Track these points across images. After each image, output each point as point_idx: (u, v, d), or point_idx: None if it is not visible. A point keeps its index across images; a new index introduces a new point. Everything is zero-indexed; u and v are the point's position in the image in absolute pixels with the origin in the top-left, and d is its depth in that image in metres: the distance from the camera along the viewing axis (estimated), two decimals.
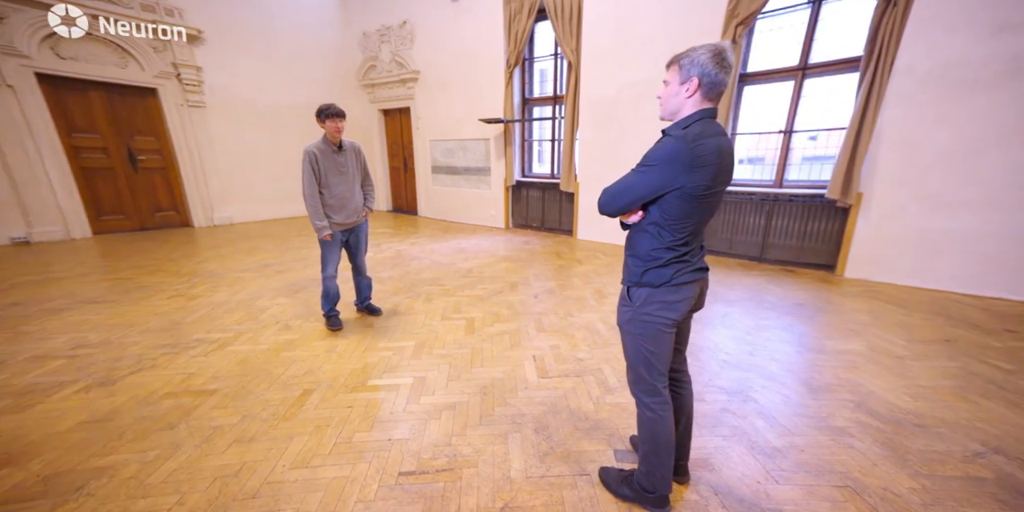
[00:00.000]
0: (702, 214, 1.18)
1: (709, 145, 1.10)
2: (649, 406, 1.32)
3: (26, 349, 2.47)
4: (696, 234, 1.22)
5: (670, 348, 1.29)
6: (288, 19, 6.86)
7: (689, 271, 1.22)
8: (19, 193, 5.02)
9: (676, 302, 1.22)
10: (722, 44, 1.12)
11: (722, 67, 1.10)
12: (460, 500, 1.40)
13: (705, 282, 1.31)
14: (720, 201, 1.23)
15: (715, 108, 1.17)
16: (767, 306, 3.25)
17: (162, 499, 1.38)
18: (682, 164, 1.09)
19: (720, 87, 1.13)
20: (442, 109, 6.70)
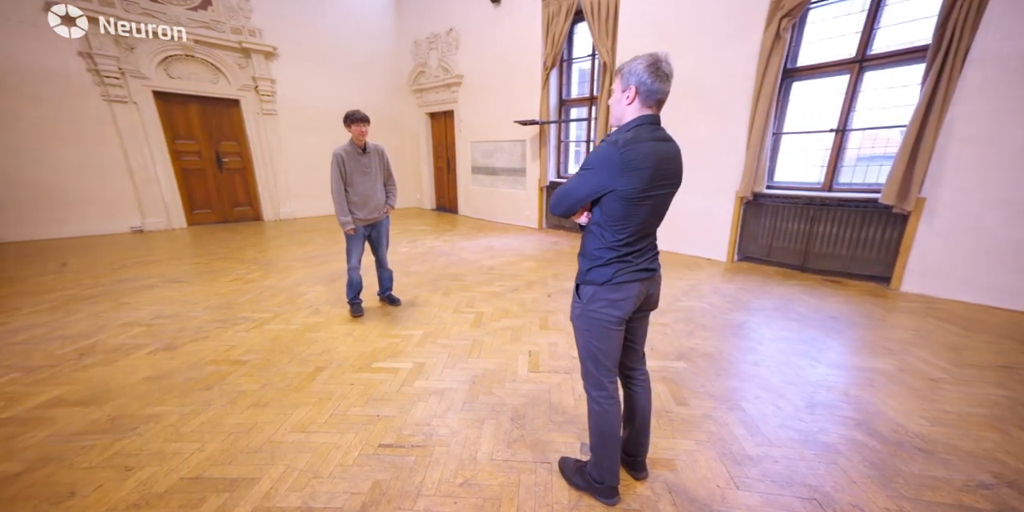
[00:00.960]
0: (643, 216, 1.22)
1: (641, 150, 1.15)
2: (596, 399, 1.38)
3: (122, 317, 3.01)
4: (642, 235, 1.27)
5: (617, 345, 1.34)
6: (350, 32, 7.48)
7: (630, 271, 1.27)
8: (138, 190, 6.00)
9: (619, 300, 1.28)
10: (658, 54, 1.17)
11: (657, 76, 1.15)
12: (425, 473, 1.55)
13: (653, 283, 1.35)
14: (665, 205, 1.27)
15: (654, 114, 1.22)
16: (793, 317, 3.07)
17: (188, 445, 1.68)
18: (614, 168, 1.15)
19: (656, 95, 1.18)
20: (482, 111, 6.94)
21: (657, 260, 1.36)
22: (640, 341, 1.47)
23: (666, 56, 1.18)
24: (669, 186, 1.24)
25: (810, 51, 4.17)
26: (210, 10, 6.11)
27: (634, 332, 1.44)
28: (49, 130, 5.28)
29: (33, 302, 3.29)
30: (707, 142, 4.62)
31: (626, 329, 1.42)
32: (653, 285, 1.35)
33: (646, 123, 1.20)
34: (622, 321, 1.31)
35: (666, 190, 1.23)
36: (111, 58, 5.45)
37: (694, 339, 2.71)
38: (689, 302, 3.39)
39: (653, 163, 1.16)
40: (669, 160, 1.21)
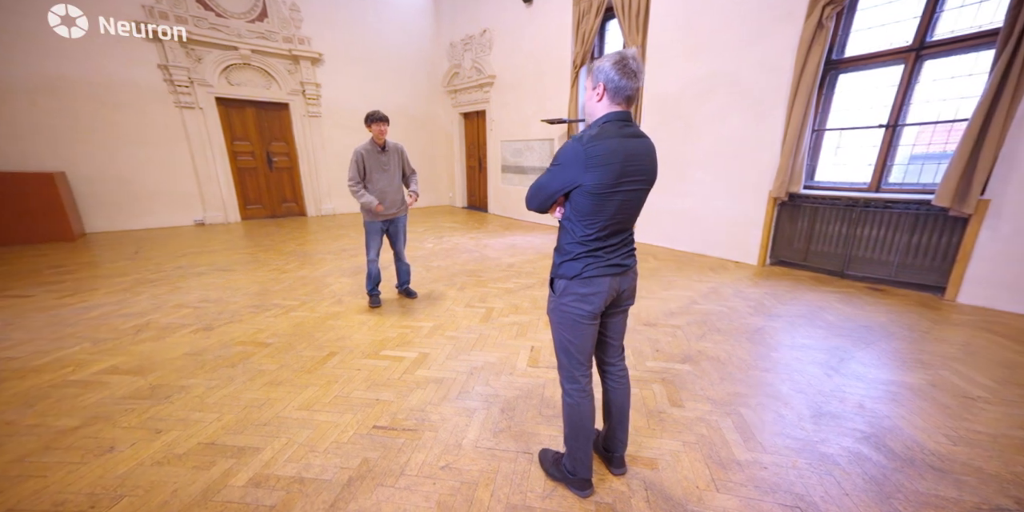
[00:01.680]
0: (611, 211, 1.23)
1: (605, 146, 1.16)
2: (568, 393, 1.40)
3: (175, 299, 3.37)
4: (613, 231, 1.28)
5: (589, 339, 1.36)
6: (390, 37, 7.81)
7: (600, 266, 1.28)
8: (201, 187, 6.63)
9: (589, 295, 1.30)
10: (626, 52, 1.18)
11: (624, 73, 1.16)
12: (411, 454, 1.65)
13: (626, 279, 1.35)
14: (636, 201, 1.27)
15: (624, 111, 1.22)
16: (819, 325, 2.90)
17: (209, 415, 1.88)
18: (579, 164, 1.17)
19: (624, 91, 1.18)
20: (512, 111, 7.01)
21: (632, 257, 1.37)
22: (616, 336, 1.47)
23: (634, 54, 1.18)
24: (639, 182, 1.24)
25: (859, 40, 3.88)
26: (266, 21, 6.61)
27: (610, 327, 1.45)
28: (131, 134, 5.95)
29: (108, 284, 3.74)
30: (738, 140, 4.42)
31: (602, 324, 1.44)
32: (626, 281, 1.36)
33: (614, 119, 1.21)
34: (594, 316, 1.33)
35: (636, 186, 1.24)
36: (183, 69, 6.06)
37: (704, 342, 2.63)
38: (707, 305, 3.28)
39: (619, 159, 1.17)
40: (638, 156, 1.22)
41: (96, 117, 5.70)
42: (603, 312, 1.41)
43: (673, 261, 4.64)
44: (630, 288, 1.39)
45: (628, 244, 1.35)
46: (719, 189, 4.69)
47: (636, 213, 1.31)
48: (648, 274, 4.12)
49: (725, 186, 4.63)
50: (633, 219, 1.32)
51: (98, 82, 5.61)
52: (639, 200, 1.28)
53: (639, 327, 2.86)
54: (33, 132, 5.37)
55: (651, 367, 2.33)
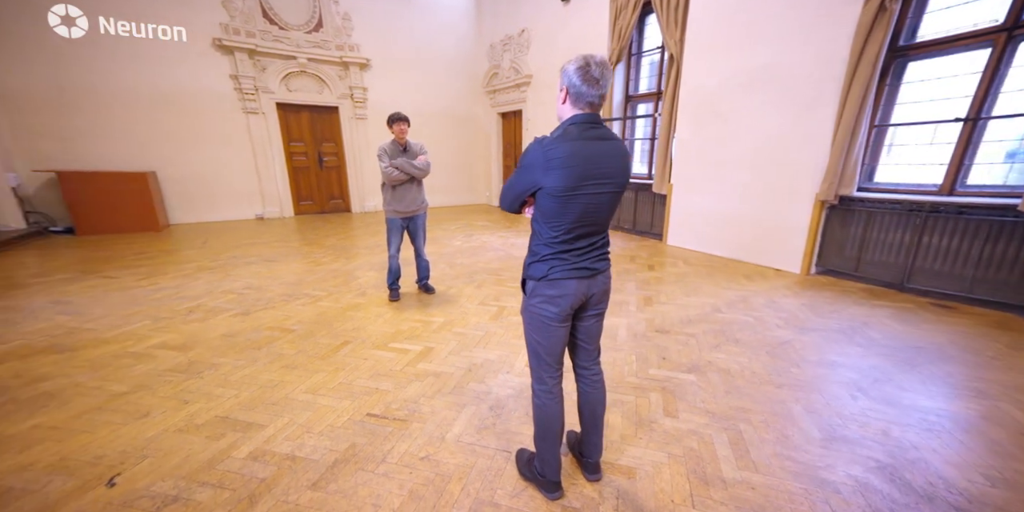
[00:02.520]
0: (576, 214, 1.21)
1: (564, 149, 1.15)
2: (536, 393, 1.41)
3: (224, 285, 3.73)
4: (580, 234, 1.26)
5: (558, 341, 1.35)
6: (433, 41, 8.05)
7: (566, 268, 1.27)
8: (261, 184, 7.26)
9: (555, 297, 1.29)
10: (590, 57, 1.16)
11: (585, 79, 1.14)
12: (396, 443, 1.72)
13: (595, 283, 1.33)
14: (602, 204, 1.24)
15: (588, 114, 1.20)
16: (859, 342, 2.64)
17: (229, 391, 2.08)
18: (538, 166, 1.17)
19: (586, 97, 1.17)
20: (548, 110, 6.97)
21: (604, 261, 1.34)
22: (590, 340, 1.45)
23: (600, 60, 1.16)
24: (604, 185, 1.21)
25: (932, 22, 3.44)
26: (321, 32, 7.08)
27: (583, 331, 1.43)
28: (206, 137, 6.65)
29: (175, 269, 4.22)
30: (781, 137, 4.10)
31: (576, 327, 1.42)
32: (596, 284, 1.33)
33: (577, 122, 1.20)
34: (562, 318, 1.32)
35: (600, 189, 1.21)
36: (250, 78, 6.67)
37: (717, 353, 2.49)
38: (731, 314, 3.10)
39: (579, 162, 1.16)
40: (601, 159, 1.19)
41: (181, 123, 6.42)
42: (576, 316, 1.40)
43: (705, 266, 4.41)
44: (600, 292, 1.36)
45: (599, 248, 1.33)
46: (758, 190, 4.38)
47: (605, 216, 1.28)
48: (673, 279, 3.95)
49: (765, 187, 4.32)
50: (603, 222, 1.30)
51: (183, 92, 6.32)
52: (607, 203, 1.25)
53: (650, 333, 2.77)
54: (130, 136, 6.16)
55: (653, 375, 2.25)
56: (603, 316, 1.44)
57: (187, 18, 6.09)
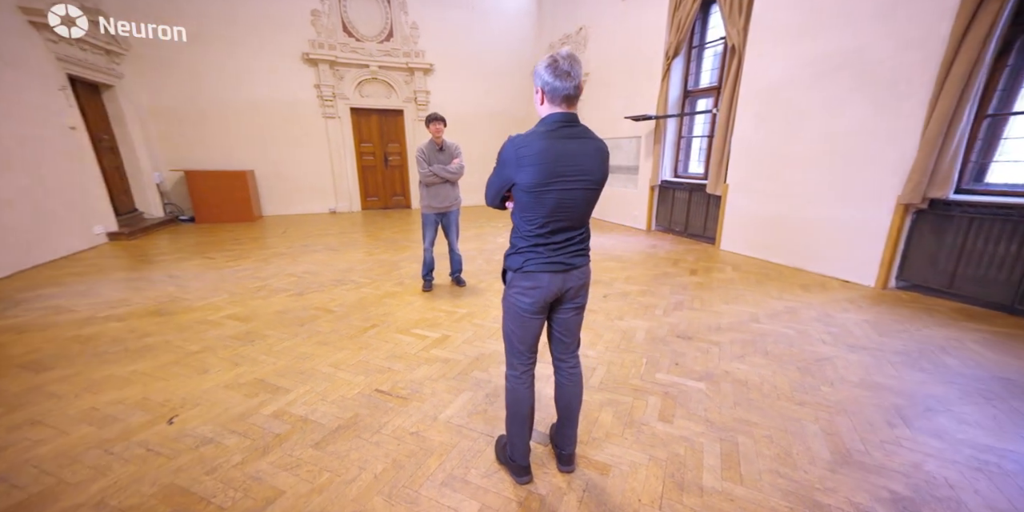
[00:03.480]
0: (548, 209, 1.25)
1: (535, 147, 1.20)
2: (507, 377, 1.47)
3: (290, 269, 4.24)
4: (555, 229, 1.29)
5: (531, 332, 1.41)
6: (493, 44, 8.29)
7: (540, 262, 1.32)
8: (335, 182, 8.04)
9: (529, 289, 1.34)
10: (556, 53, 1.19)
11: (556, 74, 1.18)
12: (393, 417, 1.88)
13: (571, 277, 1.35)
14: (575, 200, 1.26)
15: (563, 112, 1.24)
16: (922, 367, 2.32)
17: (269, 359, 2.40)
18: (511, 163, 1.23)
19: (561, 91, 1.20)
20: (602, 108, 6.83)
21: (581, 256, 1.37)
22: (568, 334, 1.48)
23: (567, 53, 1.19)
24: (576, 182, 1.24)
25: None
26: (391, 41, 7.65)
27: (560, 323, 1.46)
28: (294, 140, 7.53)
29: (256, 254, 4.87)
30: (856, 132, 3.66)
31: (554, 320, 1.46)
32: (572, 279, 1.36)
33: (551, 121, 1.24)
34: (535, 310, 1.37)
35: (572, 185, 1.24)
36: (329, 86, 7.42)
37: (738, 363, 2.34)
38: (769, 325, 2.87)
39: (549, 159, 1.20)
40: (573, 156, 1.22)
41: (275, 128, 7.35)
42: (553, 308, 1.44)
43: (756, 274, 4.08)
44: (577, 287, 1.38)
45: (576, 243, 1.35)
46: (827, 192, 3.95)
47: (579, 212, 1.30)
48: (715, 285, 3.73)
49: (835, 188, 3.88)
50: (578, 218, 1.32)
51: (277, 102, 7.22)
52: (581, 199, 1.28)
53: (670, 338, 2.66)
54: (236, 140, 7.19)
55: (660, 379, 2.18)
56: (582, 310, 1.46)
57: (283, 38, 6.97)
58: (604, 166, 1.30)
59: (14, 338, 2.70)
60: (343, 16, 7.27)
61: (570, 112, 1.25)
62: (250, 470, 1.57)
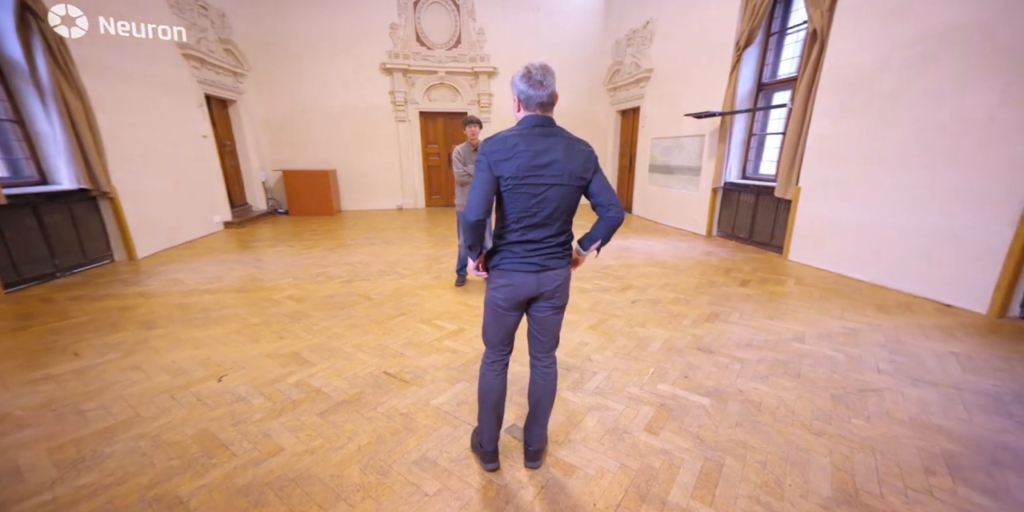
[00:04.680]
0: (518, 207, 1.31)
1: (504, 143, 1.27)
2: (481, 364, 1.54)
3: (347, 259, 4.70)
4: (526, 226, 1.33)
5: (503, 327, 1.46)
6: (558, 43, 8.28)
7: (514, 261, 1.37)
8: (403, 180, 8.68)
9: (504, 286, 1.40)
10: (529, 65, 1.28)
11: (530, 84, 1.26)
12: (391, 398, 2.04)
13: (547, 278, 1.38)
14: (550, 199, 1.30)
15: (537, 115, 1.30)
16: (1010, 414, 1.95)
17: (308, 335, 2.72)
18: (484, 162, 1.30)
19: (535, 99, 1.27)
20: (666, 106, 6.50)
21: (558, 259, 1.40)
22: (544, 333, 1.50)
23: (540, 65, 1.27)
24: (548, 178, 1.27)
25: None
26: (459, 47, 8.03)
27: (537, 322, 1.49)
28: (369, 143, 8.28)
29: (326, 244, 5.47)
30: (971, 127, 3.08)
31: (532, 318, 1.50)
32: (547, 280, 1.38)
33: (527, 122, 1.31)
34: (509, 306, 1.42)
35: (544, 181, 1.27)
36: (402, 92, 8.02)
37: (758, 383, 2.14)
38: (812, 346, 2.57)
39: (520, 152, 1.25)
40: (544, 153, 1.26)
41: (355, 131, 8.15)
42: (532, 307, 1.47)
43: (824, 289, 3.64)
44: (552, 289, 1.40)
45: (553, 246, 1.38)
46: (923, 196, 3.39)
47: (553, 211, 1.33)
48: (765, 298, 3.40)
49: (934, 192, 3.32)
50: (551, 216, 1.34)
51: (357, 108, 8.00)
52: (554, 198, 1.30)
53: (689, 350, 2.51)
54: (323, 143, 8.10)
55: (660, 390, 2.08)
56: (560, 311, 1.48)
57: (365, 51, 7.70)
58: (581, 165, 1.31)
59: (141, 302, 3.37)
60: (417, 27, 7.79)
61: (545, 115, 1.30)
62: (264, 427, 1.82)
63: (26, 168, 4.01)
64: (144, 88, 4.96)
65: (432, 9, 7.76)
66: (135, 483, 1.53)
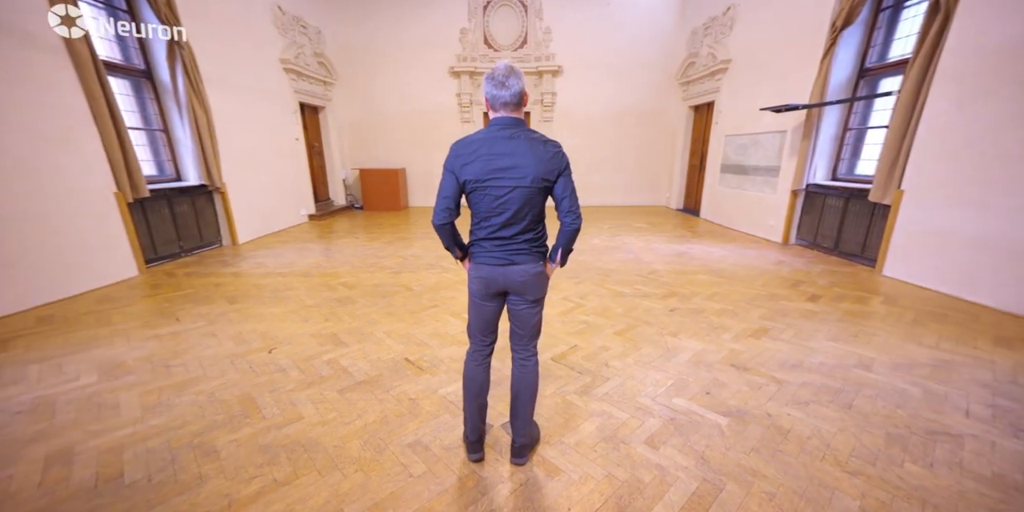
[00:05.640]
0: (485, 206, 1.34)
1: (471, 146, 1.31)
2: (467, 353, 1.59)
3: (401, 252, 5.00)
4: (493, 224, 1.36)
5: (481, 317, 1.51)
6: (627, 39, 7.97)
7: (483, 254, 1.41)
8: None
9: (475, 277, 1.46)
10: (495, 67, 1.29)
11: (494, 84, 1.29)
12: (404, 383, 2.16)
13: (512, 273, 1.39)
14: (511, 199, 1.31)
15: (505, 116, 1.32)
16: None
17: (348, 319, 2.97)
18: (449, 163, 1.35)
19: (499, 99, 1.30)
20: (743, 99, 5.94)
21: (526, 255, 1.40)
22: (519, 326, 1.51)
23: (504, 66, 1.28)
24: (506, 180, 1.28)
25: None
26: (525, 47, 8.12)
27: (513, 315, 1.51)
28: (434, 142, 8.72)
29: (387, 237, 5.89)
30: None
31: (508, 311, 1.52)
32: (513, 275, 1.40)
33: (493, 123, 1.33)
34: (482, 296, 1.47)
35: (502, 183, 1.29)
36: (467, 94, 8.34)
37: (792, 409, 1.91)
38: (881, 375, 2.22)
39: (481, 155, 1.28)
40: (507, 155, 1.28)
41: (423, 132, 8.66)
42: (508, 300, 1.49)
43: (921, 311, 3.12)
44: (520, 284, 1.41)
45: (521, 242, 1.39)
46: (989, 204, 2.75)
47: (517, 212, 1.34)
48: (837, 317, 3.00)
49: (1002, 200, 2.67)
50: (516, 215, 1.35)
51: (426, 110, 8.48)
52: (517, 198, 1.31)
53: (720, 366, 2.30)
54: (395, 143, 8.74)
55: (675, 404, 1.95)
56: (534, 306, 1.48)
57: (435, 56, 8.12)
58: (546, 167, 1.30)
59: (231, 280, 3.94)
60: (485, 30, 8.03)
61: (511, 116, 1.32)
62: (293, 397, 2.04)
63: (168, 168, 4.90)
64: (251, 99, 5.76)
65: (501, 11, 7.94)
66: (188, 430, 1.81)
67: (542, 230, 1.44)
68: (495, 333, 1.56)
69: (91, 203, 3.68)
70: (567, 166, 1.35)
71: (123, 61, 4.36)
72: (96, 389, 2.14)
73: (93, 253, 3.70)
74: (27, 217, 3.19)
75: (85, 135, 3.60)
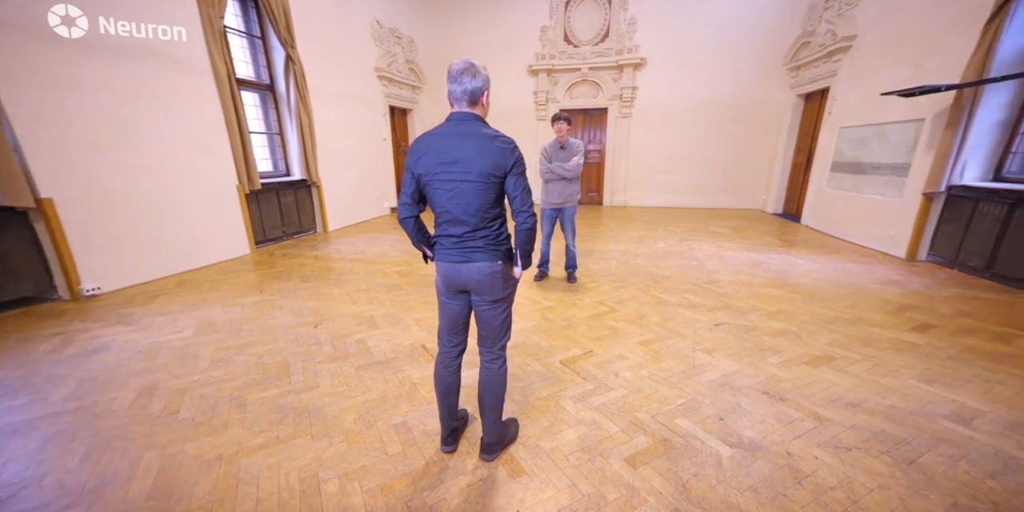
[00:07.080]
0: (440, 202, 1.36)
1: (424, 141, 1.35)
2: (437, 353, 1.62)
3: None
4: (446, 221, 1.38)
5: (446, 314, 1.53)
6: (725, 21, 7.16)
7: (441, 251, 1.44)
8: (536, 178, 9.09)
9: (438, 274, 1.49)
10: (454, 62, 1.30)
11: (449, 80, 1.31)
12: (411, 368, 2.27)
13: (468, 271, 1.39)
14: (461, 194, 1.31)
15: (458, 111, 1.34)
16: None
17: (389, 305, 3.21)
18: (410, 161, 1.38)
19: (453, 94, 1.32)
20: (866, 82, 4.96)
21: (480, 253, 1.39)
22: (483, 327, 1.51)
23: (462, 61, 1.29)
24: (453, 173, 1.30)
25: None
26: (606, 42, 7.83)
27: (476, 316, 1.51)
28: None
29: None
30: None
31: (473, 311, 1.53)
32: (468, 273, 1.40)
33: (448, 118, 1.35)
34: (443, 292, 1.49)
35: (450, 177, 1.30)
36: (544, 92, 8.34)
37: (824, 452, 1.59)
38: (977, 431, 1.75)
39: (431, 150, 1.32)
40: (454, 150, 1.29)
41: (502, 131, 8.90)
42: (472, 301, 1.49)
43: None
44: (476, 282, 1.40)
45: (477, 239, 1.38)
46: None
47: (468, 207, 1.33)
48: (944, 354, 2.42)
49: None
50: (468, 213, 1.34)
51: (505, 108, 8.66)
52: (468, 192, 1.31)
53: (750, 390, 2.01)
54: None
55: (676, 425, 1.75)
56: (495, 306, 1.46)
57: (515, 55, 8.26)
58: (493, 162, 1.29)
59: (311, 262, 4.53)
60: (566, 26, 7.92)
61: (464, 111, 1.33)
62: (319, 368, 2.29)
63: (280, 165, 5.80)
64: (346, 103, 6.49)
65: (583, 6, 7.76)
66: (233, 384, 2.15)
67: (499, 228, 1.41)
68: (461, 335, 1.56)
69: (219, 194, 4.51)
70: (517, 163, 1.32)
71: (255, 78, 5.24)
72: (189, 341, 2.63)
73: (220, 233, 4.55)
74: (170, 205, 4.02)
75: (218, 139, 4.41)
